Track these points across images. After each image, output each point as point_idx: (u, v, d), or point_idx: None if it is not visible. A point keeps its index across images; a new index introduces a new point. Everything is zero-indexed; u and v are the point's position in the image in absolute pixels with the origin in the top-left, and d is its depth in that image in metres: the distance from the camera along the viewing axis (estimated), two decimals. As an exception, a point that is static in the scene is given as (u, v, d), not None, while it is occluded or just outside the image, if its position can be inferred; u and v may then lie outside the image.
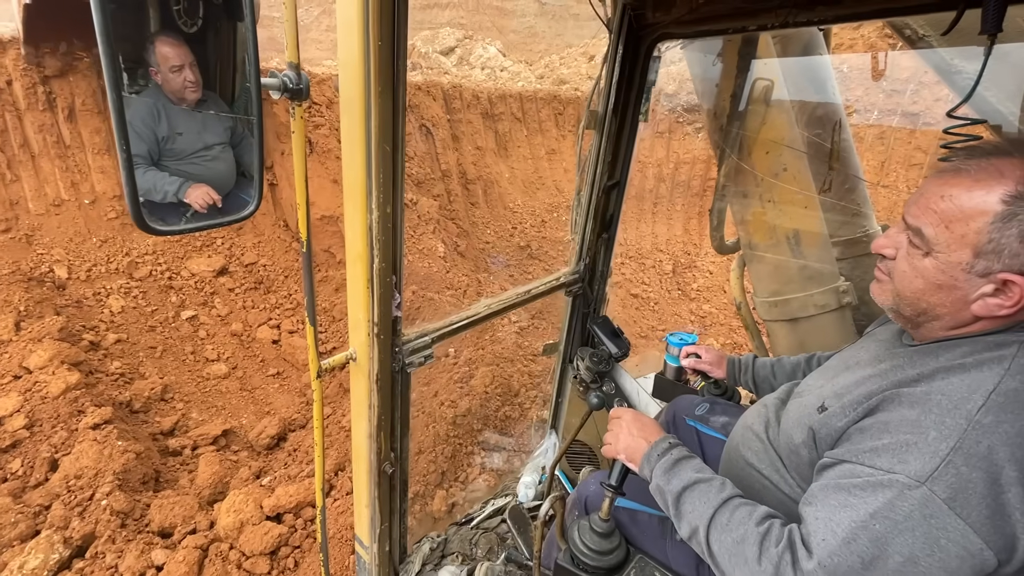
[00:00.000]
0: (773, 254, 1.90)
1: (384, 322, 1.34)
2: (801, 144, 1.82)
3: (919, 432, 0.80)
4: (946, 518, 0.76)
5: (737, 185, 1.94)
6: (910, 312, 0.95)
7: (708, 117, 1.96)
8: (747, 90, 1.80)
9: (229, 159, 1.22)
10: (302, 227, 1.12)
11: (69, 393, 3.60)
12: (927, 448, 0.79)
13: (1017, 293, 0.82)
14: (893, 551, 0.78)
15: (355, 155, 1.12)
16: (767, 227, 1.91)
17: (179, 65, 1.16)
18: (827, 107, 1.85)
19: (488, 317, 1.73)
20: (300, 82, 0.94)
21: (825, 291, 1.83)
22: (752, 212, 1.93)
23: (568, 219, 2.09)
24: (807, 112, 1.85)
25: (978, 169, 0.84)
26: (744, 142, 1.87)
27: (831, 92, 1.87)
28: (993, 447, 0.76)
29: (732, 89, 1.82)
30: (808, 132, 1.82)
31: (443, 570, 1.84)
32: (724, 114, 1.87)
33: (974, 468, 0.76)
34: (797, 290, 1.88)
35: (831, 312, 1.84)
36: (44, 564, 2.60)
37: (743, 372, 1.64)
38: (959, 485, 0.76)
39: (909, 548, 0.78)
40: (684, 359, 1.72)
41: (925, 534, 0.77)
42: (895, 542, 0.78)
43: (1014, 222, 0.80)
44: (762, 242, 1.95)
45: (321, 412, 1.34)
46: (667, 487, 1.04)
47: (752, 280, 2.05)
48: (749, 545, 0.90)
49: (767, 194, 1.86)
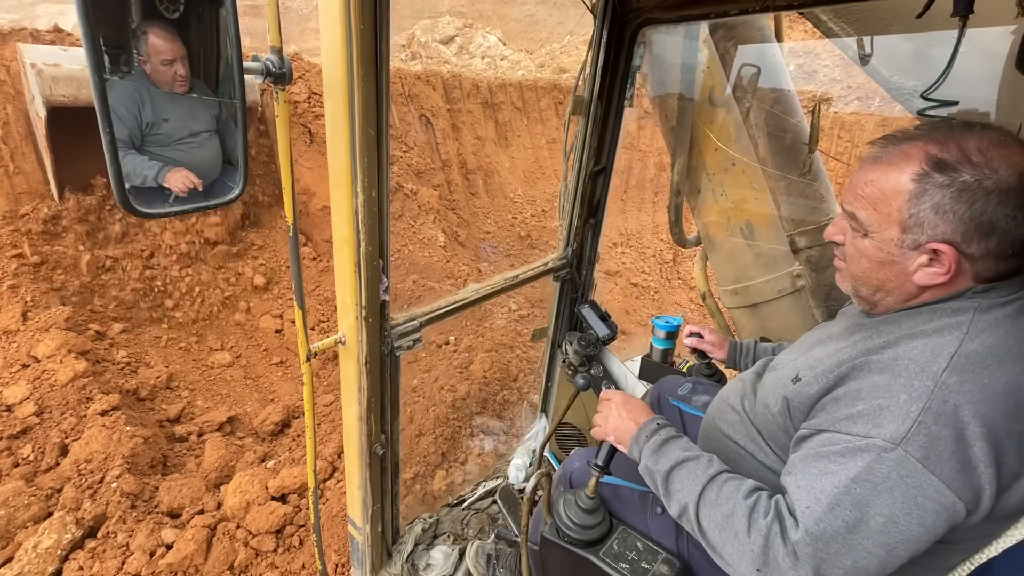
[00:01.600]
0: (730, 244, 2.00)
1: (372, 306, 1.38)
2: (749, 137, 1.89)
3: (890, 396, 0.85)
4: (921, 476, 0.81)
5: (691, 181, 2.01)
6: (866, 292, 1.02)
7: (660, 117, 2.03)
8: (733, 77, 1.82)
9: (215, 146, 1.24)
10: (288, 211, 1.15)
11: (77, 381, 3.67)
12: (899, 411, 0.83)
13: (947, 260, 0.89)
14: (875, 513, 0.82)
15: (339, 139, 1.16)
16: (722, 219, 2.00)
17: (171, 59, 1.17)
18: (784, 95, 1.89)
19: (477, 301, 1.76)
20: (283, 66, 0.96)
21: (780, 276, 1.92)
22: (707, 206, 2.02)
23: (562, 207, 2.12)
24: (767, 103, 1.90)
25: (891, 155, 0.93)
26: (694, 139, 1.96)
27: (787, 81, 1.94)
28: (959, 405, 0.81)
29: (717, 77, 1.85)
30: (768, 125, 1.87)
31: (435, 550, 1.89)
32: (674, 114, 1.94)
33: (943, 426, 0.81)
34: (755, 276, 1.97)
35: (788, 295, 1.93)
36: (58, 543, 2.69)
37: (744, 355, 1.68)
38: (930, 444, 0.81)
39: (889, 508, 0.82)
40: (686, 338, 1.74)
41: (903, 494, 0.81)
42: (876, 504, 0.82)
43: (925, 197, 0.89)
44: (718, 234, 2.04)
45: (312, 395, 1.39)
46: (655, 467, 1.07)
47: (714, 271, 2.14)
48: (738, 519, 0.93)
49: (719, 188, 1.96)
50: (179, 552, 2.75)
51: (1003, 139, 0.87)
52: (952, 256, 0.88)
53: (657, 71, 1.92)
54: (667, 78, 1.93)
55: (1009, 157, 0.85)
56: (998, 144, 0.86)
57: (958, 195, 0.86)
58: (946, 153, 0.88)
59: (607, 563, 1.12)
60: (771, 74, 1.92)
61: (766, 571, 0.88)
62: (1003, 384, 0.83)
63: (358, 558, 1.79)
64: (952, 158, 0.87)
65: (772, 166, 1.90)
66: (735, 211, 1.95)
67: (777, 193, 1.93)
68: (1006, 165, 0.85)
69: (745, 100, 1.89)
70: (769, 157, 1.89)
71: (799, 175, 1.86)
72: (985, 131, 0.89)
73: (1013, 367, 0.84)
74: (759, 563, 0.89)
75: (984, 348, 0.85)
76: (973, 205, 0.85)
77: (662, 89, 1.96)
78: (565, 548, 1.18)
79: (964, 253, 0.89)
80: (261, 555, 2.93)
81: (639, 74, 1.83)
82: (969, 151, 0.86)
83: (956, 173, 0.86)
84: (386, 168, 1.24)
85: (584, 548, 1.16)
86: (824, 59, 11.28)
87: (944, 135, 0.90)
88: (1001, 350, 0.85)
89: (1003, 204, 0.84)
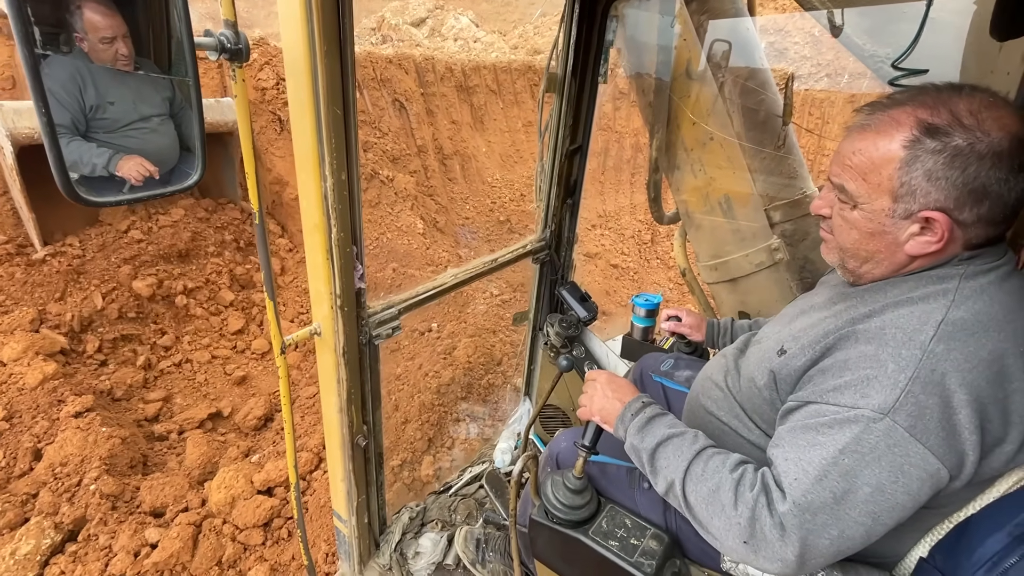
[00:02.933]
0: (709, 220, 2.00)
1: (347, 294, 1.35)
2: (725, 112, 1.88)
3: (878, 365, 0.85)
4: (908, 445, 0.81)
5: (669, 157, 2.00)
6: (854, 264, 1.00)
7: (636, 92, 2.01)
8: (705, 52, 1.80)
9: (170, 132, 1.16)
10: (252, 197, 1.11)
11: (47, 383, 3.56)
12: (887, 380, 0.83)
13: (940, 228, 0.88)
14: (862, 483, 0.83)
15: (304, 120, 1.11)
16: (700, 195, 2.00)
17: (110, 37, 1.06)
18: (757, 70, 1.89)
19: (456, 286, 1.74)
20: (239, 42, 0.90)
21: (759, 250, 1.93)
22: (685, 182, 2.02)
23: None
24: (741, 77, 1.89)
25: (878, 122, 0.90)
26: (672, 115, 1.94)
27: (760, 56, 1.94)
28: (946, 373, 0.81)
29: (693, 50, 1.83)
30: (742, 100, 1.87)
31: (423, 537, 1.88)
32: (651, 89, 1.92)
33: (930, 395, 0.81)
34: (734, 251, 1.98)
35: (766, 269, 1.94)
36: (36, 549, 2.62)
37: (722, 335, 1.68)
38: (918, 412, 0.81)
39: (877, 478, 0.82)
40: (664, 323, 1.74)
41: (890, 463, 0.82)
42: (864, 474, 0.83)
43: (917, 164, 0.86)
44: (697, 210, 2.03)
45: (288, 389, 1.35)
46: (641, 445, 1.06)
47: (693, 246, 2.15)
48: (724, 492, 0.92)
49: (697, 164, 1.95)
50: (164, 551, 2.70)
51: (993, 100, 0.86)
52: (945, 224, 0.87)
53: (632, 45, 1.89)
54: (643, 52, 1.90)
55: (1001, 119, 0.84)
56: (989, 106, 0.85)
57: (951, 160, 0.83)
58: (937, 118, 0.85)
59: (597, 542, 1.12)
60: (744, 49, 1.91)
61: (753, 543, 0.88)
62: (988, 351, 0.83)
63: (345, 550, 1.77)
64: (943, 122, 0.84)
65: (746, 141, 1.90)
66: (713, 186, 1.94)
67: (753, 168, 1.94)
68: (998, 127, 0.83)
69: (719, 75, 1.87)
70: (743, 132, 1.89)
71: (774, 148, 1.85)
72: (974, 93, 0.87)
73: (998, 334, 0.84)
74: (746, 535, 0.89)
75: (970, 315, 0.85)
76: (966, 170, 0.83)
77: (638, 63, 1.94)
78: (555, 529, 1.17)
79: (957, 220, 0.87)
80: (249, 549, 2.90)
81: (613, 50, 1.80)
82: (960, 114, 0.84)
83: (948, 138, 0.84)
84: (355, 149, 1.20)
85: (573, 528, 1.16)
86: (795, 36, 11.33)
87: (933, 99, 0.87)
88: (987, 317, 0.85)
89: (996, 168, 0.83)
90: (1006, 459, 0.86)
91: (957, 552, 0.92)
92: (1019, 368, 0.83)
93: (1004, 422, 0.83)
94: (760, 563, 0.90)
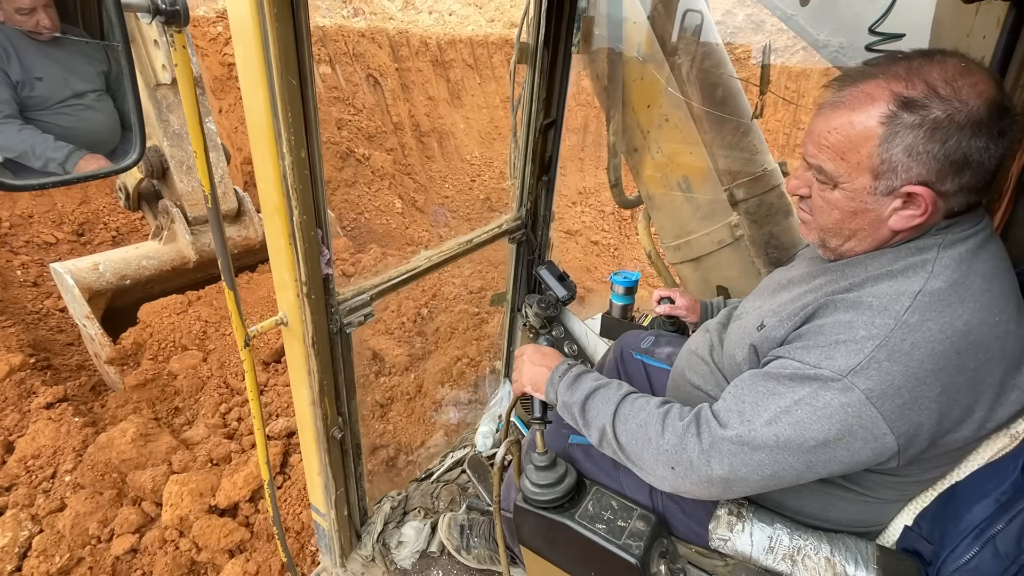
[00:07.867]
0: (669, 200, 2.01)
1: (313, 281, 1.27)
2: (680, 92, 1.87)
3: (849, 331, 0.85)
4: (861, 407, 0.82)
5: (627, 140, 1.99)
6: (835, 243, 0.98)
7: (591, 78, 1.98)
8: (677, 25, 1.75)
9: (108, 108, 1.06)
10: (203, 178, 1.03)
11: (14, 375, 3.45)
12: (855, 346, 0.83)
13: (923, 201, 0.86)
14: (809, 436, 0.85)
15: (256, 91, 1.01)
16: (660, 177, 2.00)
17: (28, 8, 0.95)
18: (712, 48, 1.86)
19: (430, 269, 1.67)
20: (175, 3, 0.80)
21: (720, 227, 1.95)
22: (644, 165, 2.01)
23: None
24: (698, 57, 1.86)
25: (852, 98, 0.87)
26: (626, 98, 1.91)
27: (715, 35, 1.90)
28: (916, 343, 0.81)
29: (644, 31, 1.80)
30: (700, 79, 1.85)
31: (406, 526, 1.85)
32: (605, 75, 1.89)
33: (896, 363, 0.81)
34: (695, 230, 1.99)
35: (728, 246, 1.97)
36: (14, 541, 2.56)
37: (715, 313, 1.65)
38: (879, 378, 0.81)
39: (824, 434, 0.84)
40: (657, 307, 1.69)
41: (841, 421, 0.83)
42: (812, 428, 0.84)
43: (896, 140, 0.83)
44: (657, 191, 2.04)
45: (255, 383, 1.28)
46: (571, 400, 1.09)
47: (656, 228, 2.15)
48: (651, 425, 0.96)
49: (654, 145, 1.94)
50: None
51: (966, 66, 0.82)
52: (928, 197, 0.85)
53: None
54: (595, 36, 1.86)
55: (976, 85, 0.81)
56: (963, 72, 0.81)
57: (930, 134, 0.81)
58: (912, 90, 0.82)
59: (584, 525, 1.10)
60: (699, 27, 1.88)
61: (679, 470, 0.92)
62: (964, 322, 0.82)
63: (325, 544, 1.73)
64: (919, 95, 0.81)
65: (706, 119, 1.88)
66: (671, 166, 1.94)
67: (713, 147, 1.93)
68: (975, 94, 0.80)
69: (680, 54, 1.84)
70: (703, 111, 1.86)
71: (751, 119, 1.83)
72: (946, 59, 0.83)
73: (974, 304, 0.83)
74: (673, 461, 0.92)
75: (947, 285, 0.84)
76: (947, 142, 0.81)
77: (592, 47, 1.90)
78: (540, 515, 1.15)
79: (939, 192, 0.85)
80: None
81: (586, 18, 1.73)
82: (935, 84, 0.81)
83: (926, 111, 0.81)
84: (315, 123, 1.11)
85: (559, 512, 1.13)
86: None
87: (905, 69, 0.84)
88: (963, 287, 0.84)
89: (976, 136, 0.81)
90: (976, 426, 0.87)
91: (943, 520, 0.93)
92: (993, 336, 0.83)
93: (974, 391, 0.84)
94: (687, 487, 0.94)
